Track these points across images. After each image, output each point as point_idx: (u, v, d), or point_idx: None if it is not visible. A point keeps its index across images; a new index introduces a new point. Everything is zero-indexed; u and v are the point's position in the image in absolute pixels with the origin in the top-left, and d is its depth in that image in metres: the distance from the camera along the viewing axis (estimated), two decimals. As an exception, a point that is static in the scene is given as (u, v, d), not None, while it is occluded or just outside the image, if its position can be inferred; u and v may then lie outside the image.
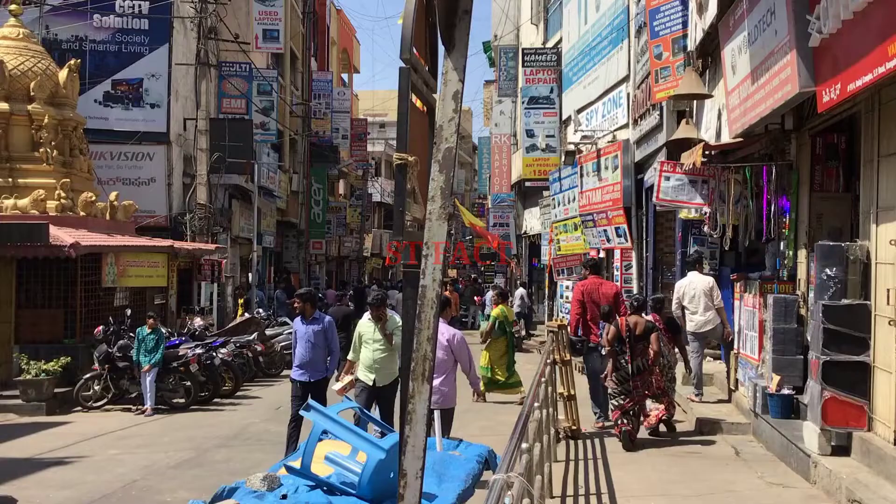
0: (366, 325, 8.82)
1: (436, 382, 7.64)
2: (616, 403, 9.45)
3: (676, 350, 10.21)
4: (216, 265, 21.01)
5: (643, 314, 9.69)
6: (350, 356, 8.94)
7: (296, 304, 9.76)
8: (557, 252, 20.48)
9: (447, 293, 12.36)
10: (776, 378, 8.77)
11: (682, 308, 11.07)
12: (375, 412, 8.35)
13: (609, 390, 9.66)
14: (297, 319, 9.67)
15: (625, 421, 9.28)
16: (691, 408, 10.67)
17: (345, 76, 45.69)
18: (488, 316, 15.29)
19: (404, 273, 3.19)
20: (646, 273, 15.16)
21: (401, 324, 7.80)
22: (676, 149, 11.98)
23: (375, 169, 52.37)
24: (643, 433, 9.58)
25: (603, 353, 10.14)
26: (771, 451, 8.67)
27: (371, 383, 8.59)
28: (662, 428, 9.80)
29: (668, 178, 11.59)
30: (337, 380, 9.23)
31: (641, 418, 9.52)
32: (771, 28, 8.16)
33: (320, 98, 35.49)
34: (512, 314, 15.65)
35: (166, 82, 21.16)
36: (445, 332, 7.82)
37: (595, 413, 10.45)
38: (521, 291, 25.05)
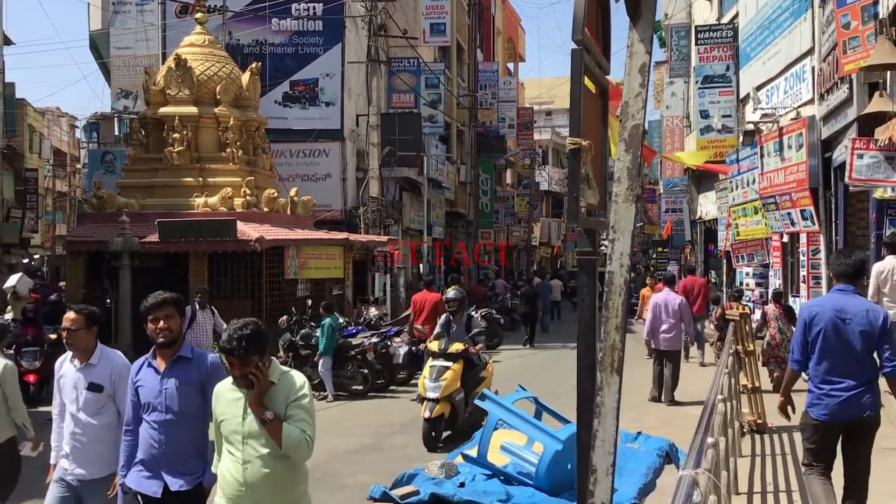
0: (228, 398, 4.02)
1: (667, 330, 11.61)
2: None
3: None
4: (389, 256, 21.59)
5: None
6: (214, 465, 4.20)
7: (158, 325, 4.50)
8: (736, 237, 19.63)
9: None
10: None
11: (879, 294, 10.24)
12: None
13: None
14: (139, 364, 4.60)
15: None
16: (890, 401, 9.88)
17: (510, 65, 45.72)
18: None
19: (579, 260, 3.07)
20: (835, 258, 14.20)
21: (302, 391, 3.96)
22: (869, 123, 11.14)
23: (542, 157, 52.10)
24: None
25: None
26: None
27: None
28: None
29: (861, 156, 10.81)
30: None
31: None
32: (981, -15, 7.38)
33: (486, 88, 35.69)
34: None
35: (340, 81, 21.95)
36: (676, 298, 11.77)
37: None
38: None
